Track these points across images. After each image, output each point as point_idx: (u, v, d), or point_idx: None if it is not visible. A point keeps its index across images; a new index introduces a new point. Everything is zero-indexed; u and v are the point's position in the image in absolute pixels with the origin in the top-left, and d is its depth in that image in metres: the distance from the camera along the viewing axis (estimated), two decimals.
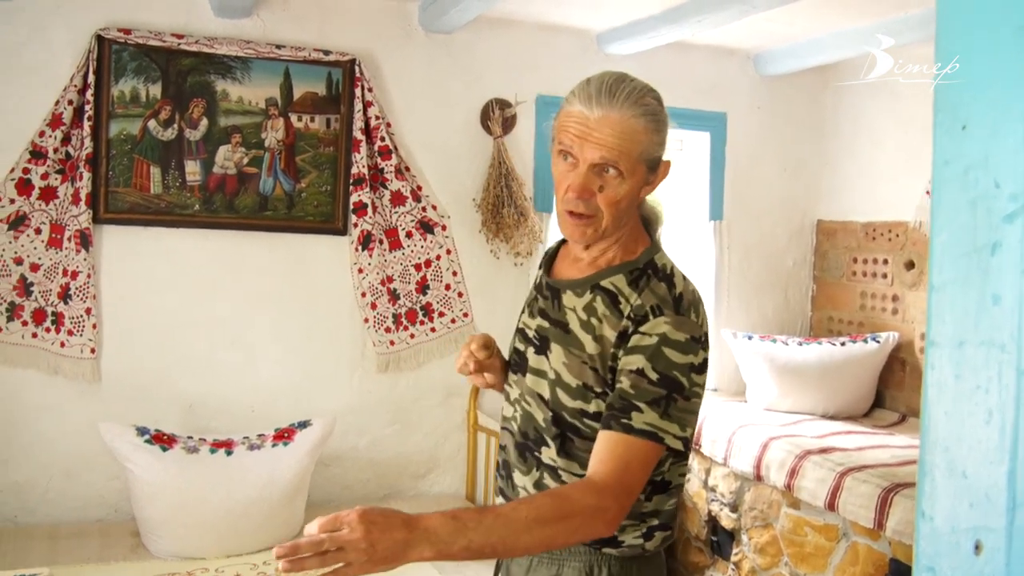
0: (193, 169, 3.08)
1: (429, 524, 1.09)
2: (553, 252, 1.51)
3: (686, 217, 3.91)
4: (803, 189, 4.07)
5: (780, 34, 3.55)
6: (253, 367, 3.21)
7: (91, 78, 2.89)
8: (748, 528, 3.10)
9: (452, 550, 1.09)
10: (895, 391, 3.68)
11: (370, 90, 3.22)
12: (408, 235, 3.35)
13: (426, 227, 3.37)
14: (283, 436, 2.90)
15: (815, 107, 4.05)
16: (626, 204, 1.32)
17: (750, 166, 3.94)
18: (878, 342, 3.59)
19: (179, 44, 2.99)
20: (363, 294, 3.29)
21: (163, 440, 2.77)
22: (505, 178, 3.40)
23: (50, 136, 2.88)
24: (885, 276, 3.75)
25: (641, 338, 1.28)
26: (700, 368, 1.29)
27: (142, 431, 2.77)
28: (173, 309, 3.09)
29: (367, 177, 3.22)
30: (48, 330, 2.94)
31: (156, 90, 3.01)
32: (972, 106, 0.66)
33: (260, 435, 2.91)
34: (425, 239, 3.37)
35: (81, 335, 2.95)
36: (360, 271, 3.27)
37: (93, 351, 2.96)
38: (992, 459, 0.63)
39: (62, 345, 2.95)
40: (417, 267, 3.37)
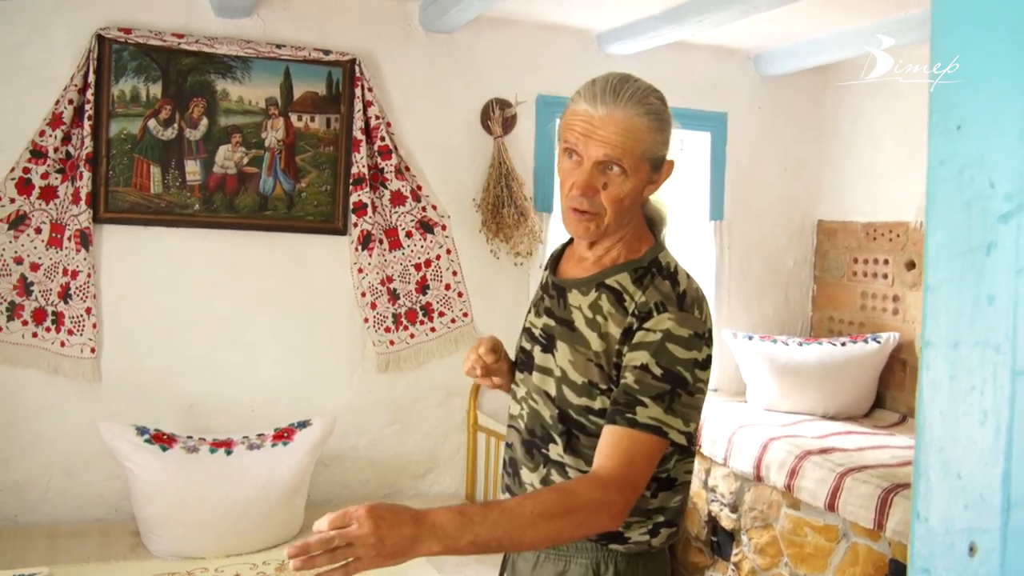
0: (193, 169, 3.08)
1: (436, 519, 1.11)
2: (559, 252, 1.53)
3: (686, 217, 3.90)
4: (804, 189, 4.07)
5: (780, 34, 3.54)
6: (253, 367, 3.21)
7: (91, 77, 2.89)
8: (748, 528, 3.10)
9: (459, 545, 1.12)
10: (895, 391, 3.67)
11: (370, 90, 3.22)
12: (408, 235, 3.35)
13: (426, 227, 3.37)
14: (283, 436, 2.90)
15: (815, 107, 4.05)
16: (629, 202, 1.34)
17: (750, 166, 3.94)
18: (879, 342, 3.59)
19: (179, 44, 2.99)
20: (363, 294, 3.29)
21: (163, 440, 2.77)
22: (505, 178, 3.40)
23: (50, 135, 2.88)
24: (886, 276, 3.74)
25: (645, 334, 1.29)
26: (704, 364, 1.31)
27: (142, 431, 2.77)
28: (173, 309, 3.10)
29: (367, 177, 3.22)
30: (48, 329, 2.94)
31: (156, 89, 3.01)
32: (967, 106, 0.66)
33: (260, 435, 2.91)
34: (425, 239, 3.37)
35: (81, 335, 2.95)
36: (360, 271, 3.27)
37: (93, 351, 2.96)
38: (987, 460, 0.63)
39: (62, 345, 2.95)
40: (417, 267, 3.37)
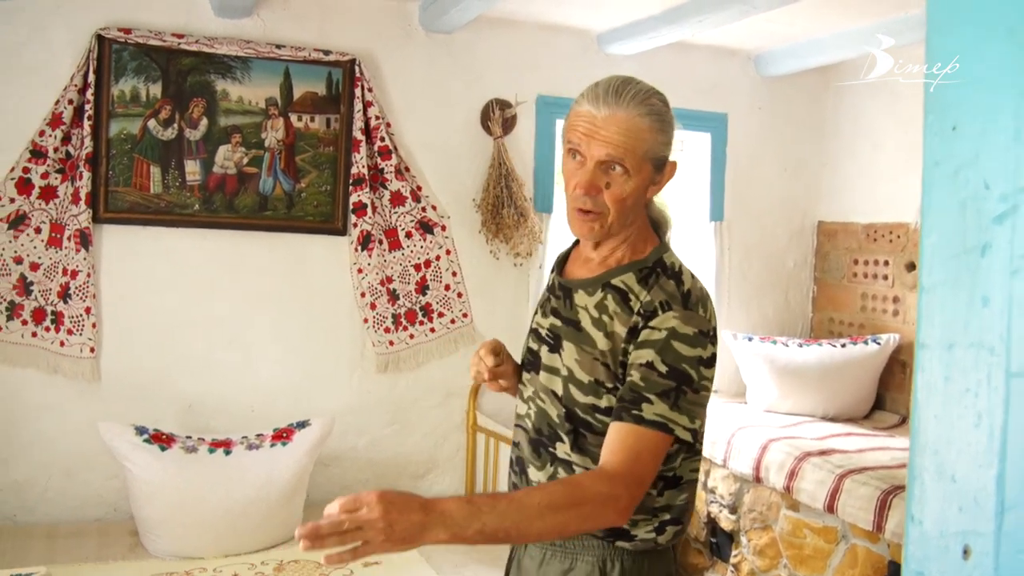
0: (193, 169, 3.08)
1: (445, 508, 1.13)
2: (565, 255, 1.55)
3: (687, 218, 3.90)
4: (804, 190, 4.06)
5: (781, 34, 3.54)
6: (252, 367, 3.21)
7: (91, 77, 2.89)
8: (747, 530, 3.09)
9: (466, 534, 1.13)
10: (895, 393, 3.67)
11: (370, 90, 3.22)
12: (408, 235, 3.34)
13: (426, 227, 3.37)
14: (282, 436, 2.90)
15: (816, 108, 4.04)
16: (632, 202, 1.36)
17: (751, 167, 3.93)
18: (879, 344, 3.59)
19: (179, 44, 2.99)
20: (362, 294, 3.28)
21: (162, 440, 2.77)
22: (505, 178, 3.39)
23: (50, 135, 2.88)
24: (886, 277, 3.74)
25: (651, 332, 1.31)
26: (709, 362, 1.32)
27: (141, 430, 2.77)
28: (173, 309, 3.10)
29: (367, 177, 3.22)
30: (48, 329, 2.94)
31: (156, 90, 3.01)
32: (962, 107, 0.65)
33: (259, 435, 2.91)
34: (425, 239, 3.37)
35: (81, 334, 2.95)
36: (359, 271, 3.27)
37: (92, 350, 2.96)
38: (981, 462, 0.62)
39: (61, 344, 2.95)
40: (417, 267, 3.37)
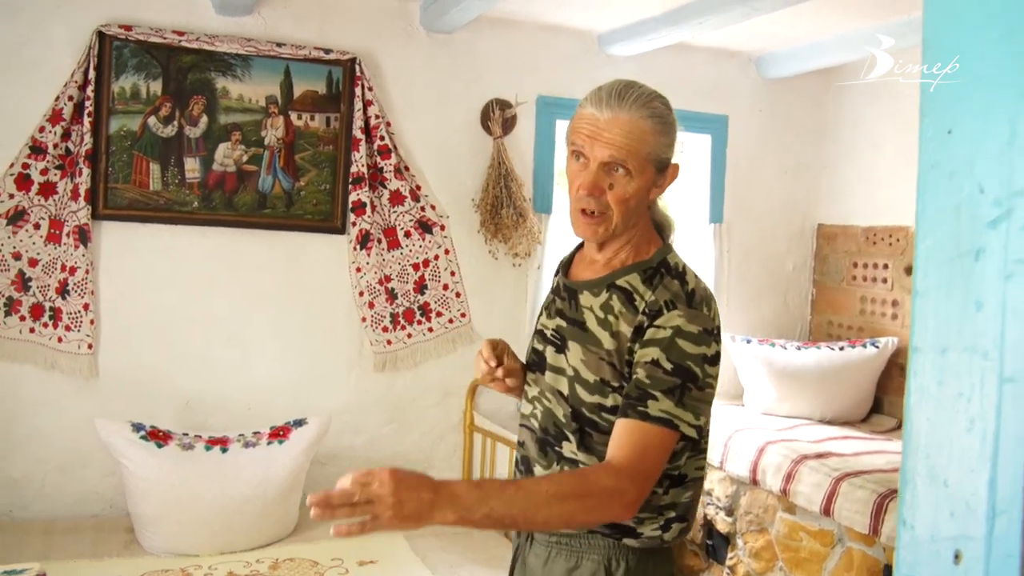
0: (192, 166, 3.08)
1: (455, 489, 1.16)
2: (569, 257, 1.58)
3: (686, 219, 3.90)
4: (804, 192, 4.06)
5: (782, 37, 3.54)
6: (250, 365, 3.21)
7: (92, 74, 2.89)
8: (743, 532, 3.09)
9: (474, 517, 1.16)
10: (893, 396, 3.66)
11: (370, 89, 3.22)
12: (407, 234, 3.34)
13: (425, 227, 3.37)
14: (278, 434, 2.90)
15: (816, 110, 4.04)
16: (635, 203, 1.38)
17: (750, 169, 3.93)
18: (877, 347, 3.58)
19: (180, 41, 2.99)
20: (361, 293, 3.28)
21: (158, 436, 2.77)
22: (504, 179, 3.39)
23: (50, 132, 2.88)
24: (885, 281, 3.74)
25: (656, 331, 1.33)
26: (713, 360, 1.34)
27: (137, 427, 2.77)
28: (171, 306, 3.09)
29: (366, 176, 3.22)
30: (46, 325, 2.94)
31: (156, 87, 3.01)
32: (958, 110, 0.65)
33: (255, 433, 2.91)
34: (423, 239, 3.37)
35: (79, 331, 2.95)
36: (358, 270, 3.27)
37: (90, 347, 2.96)
38: (973, 467, 0.62)
39: (59, 340, 2.95)
40: (415, 267, 3.37)
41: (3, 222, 2.87)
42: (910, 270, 3.60)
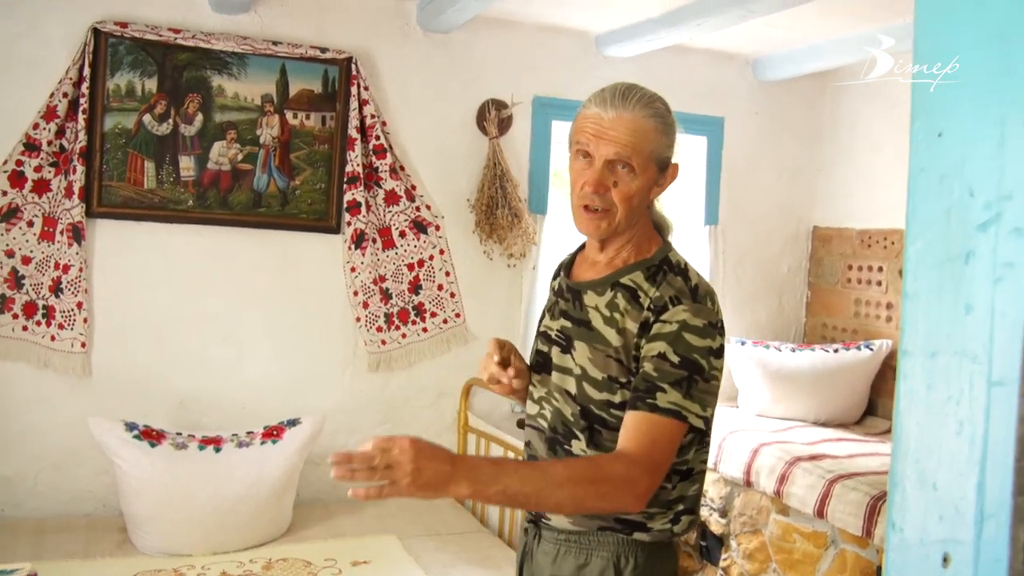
0: (187, 164, 3.07)
1: (473, 463, 1.21)
2: (570, 260, 1.59)
3: (681, 221, 3.90)
4: (799, 195, 4.07)
5: (779, 39, 3.54)
6: (244, 364, 3.20)
7: (87, 71, 2.88)
8: (737, 534, 3.09)
9: (488, 491, 1.19)
10: (887, 399, 3.67)
11: (366, 88, 3.22)
12: (401, 234, 3.34)
13: (419, 227, 3.37)
14: (272, 434, 2.89)
15: (813, 113, 4.04)
16: (638, 200, 1.41)
17: (747, 171, 3.94)
18: (871, 350, 3.59)
19: (176, 39, 2.99)
20: (355, 293, 3.28)
21: (152, 436, 2.76)
22: (500, 179, 3.39)
23: (44, 129, 2.87)
24: (880, 284, 3.74)
25: (662, 326, 1.36)
26: (718, 352, 1.37)
27: (131, 426, 2.76)
28: (165, 304, 3.09)
29: (361, 176, 3.22)
30: (39, 323, 2.93)
31: (152, 84, 3.00)
32: (948, 113, 0.65)
33: (249, 432, 2.90)
34: (418, 239, 3.37)
35: (72, 329, 2.94)
36: (353, 270, 3.26)
37: (84, 345, 2.95)
38: (962, 471, 0.62)
39: (52, 339, 2.94)
40: (410, 267, 3.36)
41: None
42: None
